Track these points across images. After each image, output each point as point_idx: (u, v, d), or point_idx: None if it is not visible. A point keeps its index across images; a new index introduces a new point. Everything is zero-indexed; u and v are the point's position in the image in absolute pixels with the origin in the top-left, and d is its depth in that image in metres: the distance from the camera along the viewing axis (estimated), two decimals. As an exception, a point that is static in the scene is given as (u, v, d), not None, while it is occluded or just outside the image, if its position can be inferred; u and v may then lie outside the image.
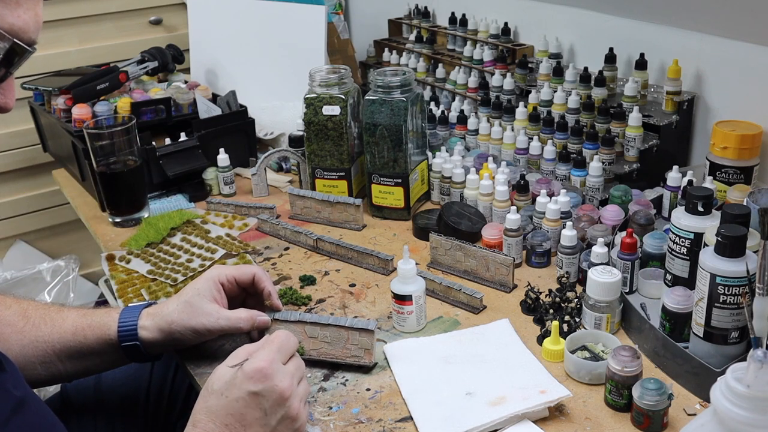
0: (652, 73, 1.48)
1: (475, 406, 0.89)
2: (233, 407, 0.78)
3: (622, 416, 0.88)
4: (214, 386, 0.80)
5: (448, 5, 2.01)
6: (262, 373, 0.79)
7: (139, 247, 1.36)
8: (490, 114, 1.61)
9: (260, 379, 0.79)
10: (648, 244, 1.12)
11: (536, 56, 1.74)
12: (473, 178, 1.36)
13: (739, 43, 1.30)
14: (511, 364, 0.97)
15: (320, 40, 1.77)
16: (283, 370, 0.81)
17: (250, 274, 1.02)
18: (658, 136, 1.39)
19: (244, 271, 1.02)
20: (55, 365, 0.95)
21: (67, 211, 2.14)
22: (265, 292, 1.02)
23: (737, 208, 0.90)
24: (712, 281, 0.87)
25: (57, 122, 1.64)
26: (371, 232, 1.39)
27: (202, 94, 1.72)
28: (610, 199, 1.27)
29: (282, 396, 0.80)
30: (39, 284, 2.09)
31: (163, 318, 0.96)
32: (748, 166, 1.24)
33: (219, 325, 0.96)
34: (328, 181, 1.46)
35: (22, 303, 0.98)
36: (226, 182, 1.56)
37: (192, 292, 0.97)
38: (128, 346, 0.95)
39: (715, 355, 0.90)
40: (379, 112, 1.36)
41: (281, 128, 1.76)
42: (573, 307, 1.06)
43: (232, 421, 0.78)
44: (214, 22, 1.95)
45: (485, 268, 1.18)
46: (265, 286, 1.02)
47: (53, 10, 2.09)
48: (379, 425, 0.89)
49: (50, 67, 1.99)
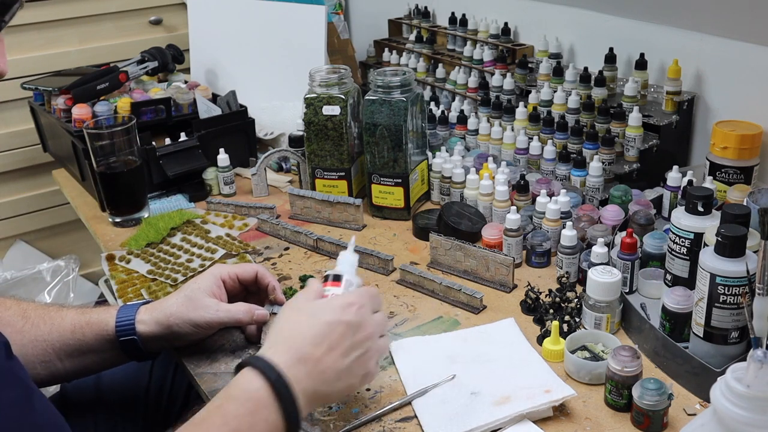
0: (652, 73, 1.48)
1: (480, 405, 0.89)
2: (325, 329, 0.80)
3: (622, 416, 0.88)
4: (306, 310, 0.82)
5: (448, 5, 2.01)
6: (357, 306, 0.83)
7: (139, 247, 1.36)
8: (490, 114, 1.61)
9: (354, 312, 0.82)
10: (648, 244, 1.12)
11: (536, 56, 1.74)
12: (473, 178, 1.36)
13: (739, 43, 1.30)
14: (516, 363, 0.97)
15: (320, 40, 1.77)
16: (372, 316, 0.85)
17: (252, 272, 1.04)
18: (658, 136, 1.39)
19: (246, 268, 1.04)
20: (54, 364, 0.95)
21: (67, 211, 2.14)
22: (270, 286, 1.04)
23: (737, 208, 0.90)
24: (712, 281, 0.87)
25: (57, 122, 1.64)
26: (371, 232, 1.39)
27: (202, 94, 1.72)
28: (610, 199, 1.27)
29: (368, 335, 0.83)
30: (39, 284, 2.09)
31: (162, 311, 0.96)
32: (748, 166, 1.24)
33: (218, 317, 0.96)
34: (328, 181, 1.46)
35: (22, 304, 0.99)
36: (226, 182, 1.56)
37: (192, 287, 0.99)
38: (126, 341, 0.96)
39: (715, 355, 0.90)
40: (379, 112, 1.36)
41: (281, 128, 1.76)
42: (573, 307, 1.06)
43: (322, 342, 0.79)
44: (214, 22, 1.95)
45: (485, 268, 1.18)
46: (270, 281, 1.04)
47: (53, 10, 2.09)
48: (379, 425, 0.89)
49: (50, 67, 1.99)
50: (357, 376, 0.82)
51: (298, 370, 0.77)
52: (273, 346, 0.80)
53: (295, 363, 0.77)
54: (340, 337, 0.80)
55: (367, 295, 0.86)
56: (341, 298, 0.84)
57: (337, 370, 0.80)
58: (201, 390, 0.97)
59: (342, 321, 0.81)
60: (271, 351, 0.79)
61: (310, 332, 0.80)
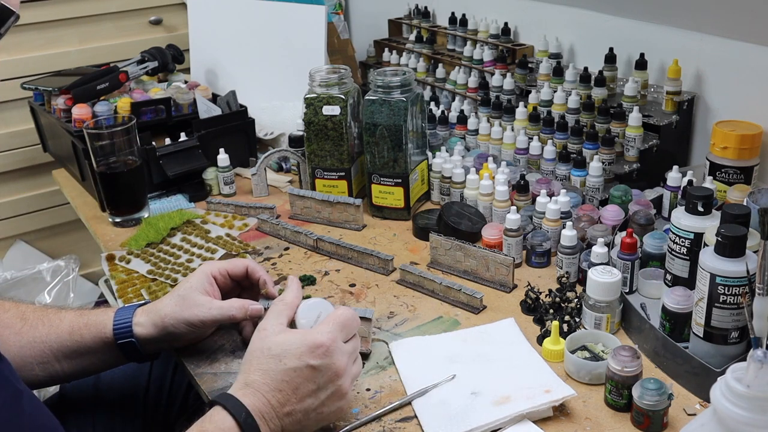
0: (652, 73, 1.48)
1: (480, 405, 0.89)
2: (289, 375, 0.81)
3: (622, 416, 0.88)
4: (272, 350, 0.82)
5: (448, 5, 2.01)
6: (324, 349, 0.81)
7: (139, 247, 1.36)
8: (490, 114, 1.61)
9: (320, 355, 0.81)
10: (648, 244, 1.12)
11: (536, 56, 1.74)
12: (473, 178, 1.36)
13: (739, 43, 1.30)
14: (516, 363, 0.97)
15: (320, 40, 1.77)
16: (342, 348, 0.84)
17: (242, 267, 1.03)
18: (658, 136, 1.39)
19: (236, 264, 1.03)
20: (52, 365, 0.95)
21: (67, 211, 2.14)
22: (261, 280, 1.03)
23: (737, 208, 0.90)
24: (712, 281, 0.87)
25: (57, 122, 1.64)
26: (371, 232, 1.39)
27: (202, 94, 1.72)
28: (610, 199, 1.27)
29: (337, 374, 0.82)
30: (39, 284, 2.09)
31: (157, 313, 0.96)
32: (748, 166, 1.24)
33: (211, 315, 0.96)
34: (328, 181, 1.46)
35: (20, 306, 0.99)
36: (226, 182, 1.56)
37: (185, 286, 0.98)
38: (124, 343, 0.95)
39: (715, 355, 0.90)
40: (379, 112, 1.36)
41: (281, 128, 1.76)
42: (573, 307, 1.06)
43: (286, 387, 0.80)
44: (214, 22, 1.95)
45: (485, 268, 1.18)
46: (261, 275, 1.03)
47: (53, 10, 2.09)
48: (379, 425, 0.89)
49: (50, 67, 1.99)
50: (329, 412, 0.83)
51: (265, 412, 0.79)
52: (242, 387, 0.81)
53: (262, 406, 0.80)
54: (306, 380, 0.81)
55: (338, 326, 0.84)
56: (310, 337, 0.82)
57: (305, 410, 0.81)
58: (201, 390, 0.97)
59: (309, 365, 0.81)
60: (240, 392, 0.81)
61: (277, 377, 0.81)
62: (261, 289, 1.04)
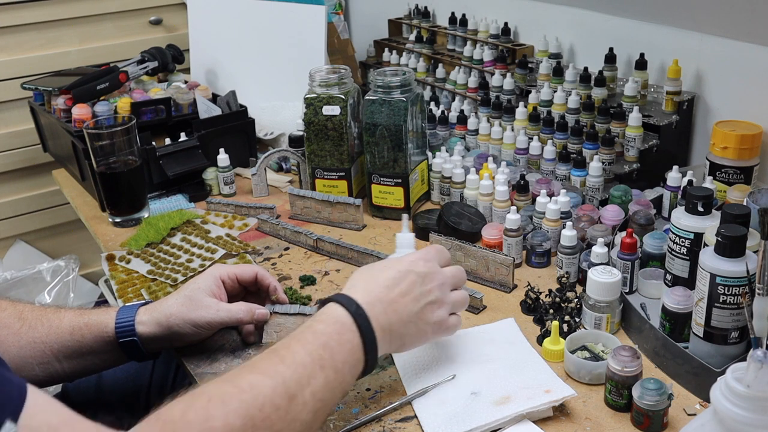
0: (652, 73, 1.48)
1: (480, 405, 0.89)
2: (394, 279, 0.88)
3: (622, 416, 0.88)
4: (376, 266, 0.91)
5: (448, 5, 2.01)
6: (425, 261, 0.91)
7: (139, 247, 1.36)
8: (490, 114, 1.61)
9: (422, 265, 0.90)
10: (648, 244, 1.12)
11: (536, 56, 1.74)
12: (473, 178, 1.36)
13: (739, 43, 1.30)
14: (516, 363, 0.97)
15: (320, 40, 1.77)
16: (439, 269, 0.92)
17: (252, 273, 1.05)
18: (658, 136, 1.39)
19: (245, 269, 1.05)
20: (53, 365, 0.95)
21: (67, 211, 2.14)
22: (271, 287, 1.06)
23: (737, 208, 0.90)
24: (712, 281, 0.87)
25: (57, 122, 1.64)
26: (371, 232, 1.39)
27: (202, 94, 1.72)
28: (610, 199, 1.27)
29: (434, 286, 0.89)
30: (39, 284, 2.09)
31: (162, 312, 0.96)
32: (748, 166, 1.24)
33: (219, 317, 0.97)
34: (328, 181, 1.46)
35: (18, 305, 0.98)
36: (226, 182, 1.56)
37: (192, 287, 0.99)
38: (126, 342, 0.96)
39: (715, 355, 0.90)
40: (379, 112, 1.36)
41: (281, 128, 1.76)
42: (573, 307, 1.06)
43: (392, 285, 0.87)
44: (214, 22, 1.95)
45: (485, 268, 1.18)
46: (270, 282, 1.06)
47: (53, 10, 2.09)
48: (379, 425, 0.89)
49: (50, 67, 1.99)
50: (429, 323, 0.89)
51: (374, 306, 0.84)
52: (350, 288, 0.87)
53: (372, 301, 0.85)
54: (410, 284, 0.88)
55: (433, 250, 0.93)
56: (411, 255, 0.92)
57: (409, 312, 0.87)
58: (201, 390, 0.97)
59: (412, 271, 0.89)
60: (349, 291, 0.86)
61: (383, 276, 0.88)
62: (272, 296, 1.06)
